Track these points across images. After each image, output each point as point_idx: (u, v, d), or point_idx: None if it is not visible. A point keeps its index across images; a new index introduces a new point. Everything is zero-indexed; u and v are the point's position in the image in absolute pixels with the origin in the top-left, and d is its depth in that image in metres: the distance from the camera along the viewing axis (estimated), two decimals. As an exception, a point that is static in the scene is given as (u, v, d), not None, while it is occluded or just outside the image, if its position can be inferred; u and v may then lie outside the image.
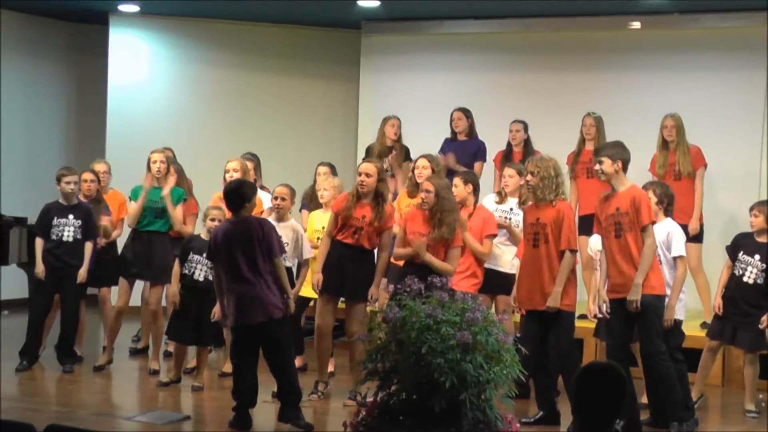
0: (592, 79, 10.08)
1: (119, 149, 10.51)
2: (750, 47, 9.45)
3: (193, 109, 11.14)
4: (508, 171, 7.77)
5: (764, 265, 7.01)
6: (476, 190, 7.37)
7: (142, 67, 11.12)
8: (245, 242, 6.23)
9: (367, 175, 6.99)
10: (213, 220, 7.30)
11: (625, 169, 6.41)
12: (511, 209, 7.63)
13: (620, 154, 6.39)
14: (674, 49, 9.78)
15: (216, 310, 7.11)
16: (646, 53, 9.90)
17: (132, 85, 11.03)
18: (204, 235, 7.39)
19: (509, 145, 9.15)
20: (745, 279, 7.04)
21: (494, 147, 9.26)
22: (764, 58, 9.38)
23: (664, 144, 8.56)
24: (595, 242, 7.04)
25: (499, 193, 7.83)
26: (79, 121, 11.67)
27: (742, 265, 7.07)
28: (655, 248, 6.31)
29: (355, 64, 11.11)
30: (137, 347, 8.72)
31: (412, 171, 7.82)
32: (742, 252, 7.10)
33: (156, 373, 7.81)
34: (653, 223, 6.33)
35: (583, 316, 7.55)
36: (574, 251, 6.60)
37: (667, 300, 6.44)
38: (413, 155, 8.94)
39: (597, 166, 6.45)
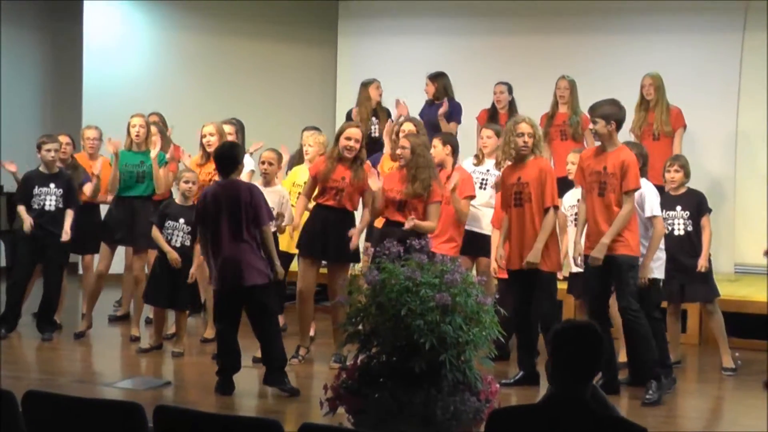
0: (571, 42, 10.08)
1: (96, 115, 10.37)
2: (726, 9, 9.50)
3: (169, 74, 11.05)
4: (486, 132, 7.76)
5: (687, 213, 7.08)
6: (455, 152, 7.36)
7: (118, 33, 11.00)
8: (232, 206, 6.22)
9: (356, 140, 6.98)
10: (187, 182, 7.35)
11: (619, 128, 6.39)
12: (488, 170, 7.65)
13: (615, 114, 6.35)
14: (651, 10, 9.79)
15: (193, 272, 7.24)
16: (622, 15, 9.89)
17: (108, 51, 10.91)
18: (179, 200, 7.41)
19: (494, 106, 9.15)
20: (676, 233, 7.08)
21: (474, 110, 9.24)
22: (741, 19, 9.42)
23: (643, 103, 8.61)
24: (568, 199, 7.06)
25: (476, 156, 7.83)
26: (56, 88, 11.55)
27: (669, 221, 7.08)
28: (631, 215, 6.30)
29: (333, 28, 11.04)
30: (117, 314, 8.71)
31: (396, 134, 7.81)
32: (663, 210, 7.08)
33: (136, 339, 7.81)
34: (637, 189, 6.33)
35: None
36: (557, 208, 6.63)
37: (641, 260, 6.47)
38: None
39: (591, 126, 6.46)
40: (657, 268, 6.62)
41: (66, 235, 7.79)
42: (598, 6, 10.03)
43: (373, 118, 9.21)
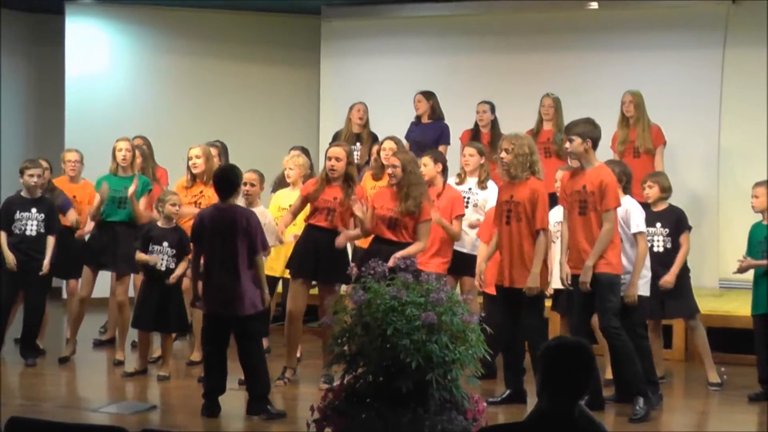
0: (553, 60, 10.11)
1: (78, 140, 10.34)
2: (706, 26, 9.57)
3: (152, 97, 11.04)
4: (468, 150, 7.76)
5: (667, 230, 7.13)
6: (445, 170, 7.36)
7: (100, 57, 10.99)
8: (228, 231, 6.21)
9: (337, 159, 6.99)
10: (173, 205, 7.32)
11: (595, 147, 6.45)
12: (470, 189, 7.64)
13: (590, 132, 6.43)
14: (632, 28, 9.86)
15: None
16: (605, 33, 9.96)
17: (90, 75, 10.90)
18: (161, 223, 7.38)
19: (476, 125, 9.18)
20: (655, 249, 7.11)
21: (458, 130, 9.26)
22: (721, 36, 9.49)
23: (623, 120, 8.69)
24: (554, 215, 7.05)
25: (459, 174, 7.84)
26: (38, 113, 11.52)
27: (649, 238, 7.08)
28: (612, 234, 6.32)
29: (316, 49, 11.06)
30: (102, 339, 8.65)
31: (378, 153, 7.83)
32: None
33: (121, 363, 7.75)
34: (616, 208, 6.36)
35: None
36: (546, 230, 6.62)
37: (629, 277, 6.48)
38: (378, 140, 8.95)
39: (567, 145, 6.50)
40: (642, 285, 6.65)
41: (46, 267, 7.77)
42: (579, 24, 10.09)
43: (357, 144, 9.22)
